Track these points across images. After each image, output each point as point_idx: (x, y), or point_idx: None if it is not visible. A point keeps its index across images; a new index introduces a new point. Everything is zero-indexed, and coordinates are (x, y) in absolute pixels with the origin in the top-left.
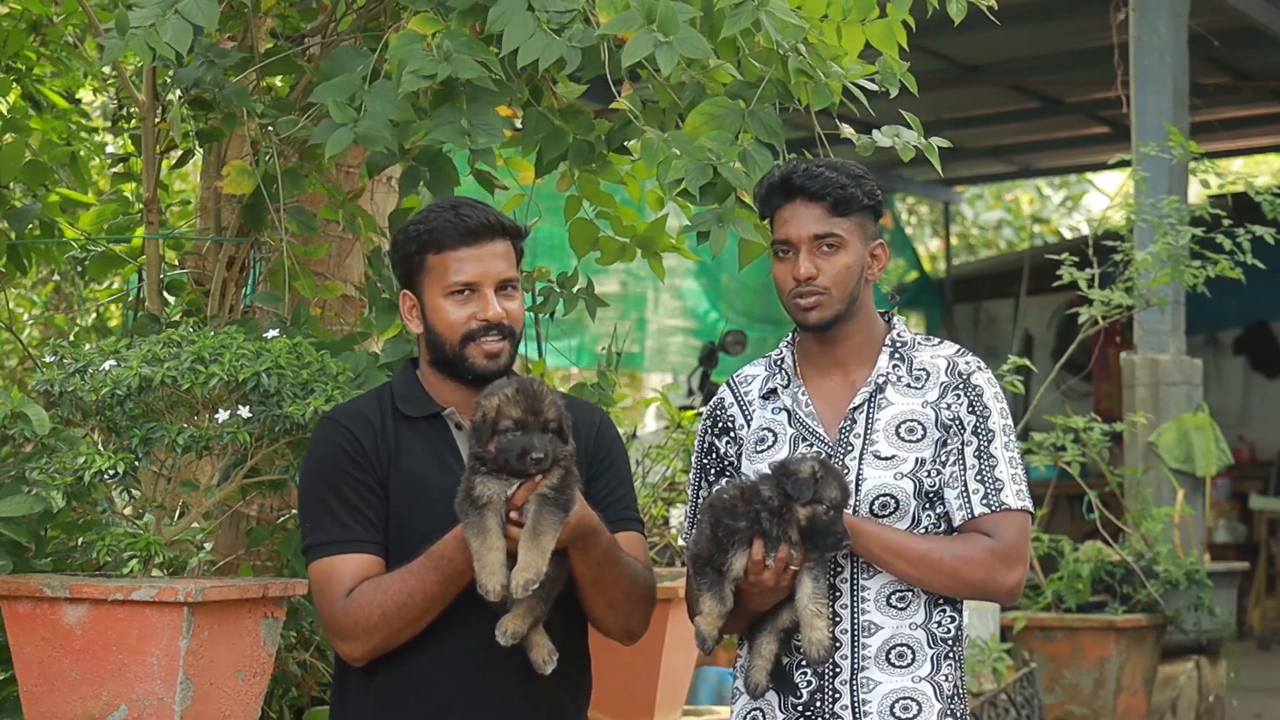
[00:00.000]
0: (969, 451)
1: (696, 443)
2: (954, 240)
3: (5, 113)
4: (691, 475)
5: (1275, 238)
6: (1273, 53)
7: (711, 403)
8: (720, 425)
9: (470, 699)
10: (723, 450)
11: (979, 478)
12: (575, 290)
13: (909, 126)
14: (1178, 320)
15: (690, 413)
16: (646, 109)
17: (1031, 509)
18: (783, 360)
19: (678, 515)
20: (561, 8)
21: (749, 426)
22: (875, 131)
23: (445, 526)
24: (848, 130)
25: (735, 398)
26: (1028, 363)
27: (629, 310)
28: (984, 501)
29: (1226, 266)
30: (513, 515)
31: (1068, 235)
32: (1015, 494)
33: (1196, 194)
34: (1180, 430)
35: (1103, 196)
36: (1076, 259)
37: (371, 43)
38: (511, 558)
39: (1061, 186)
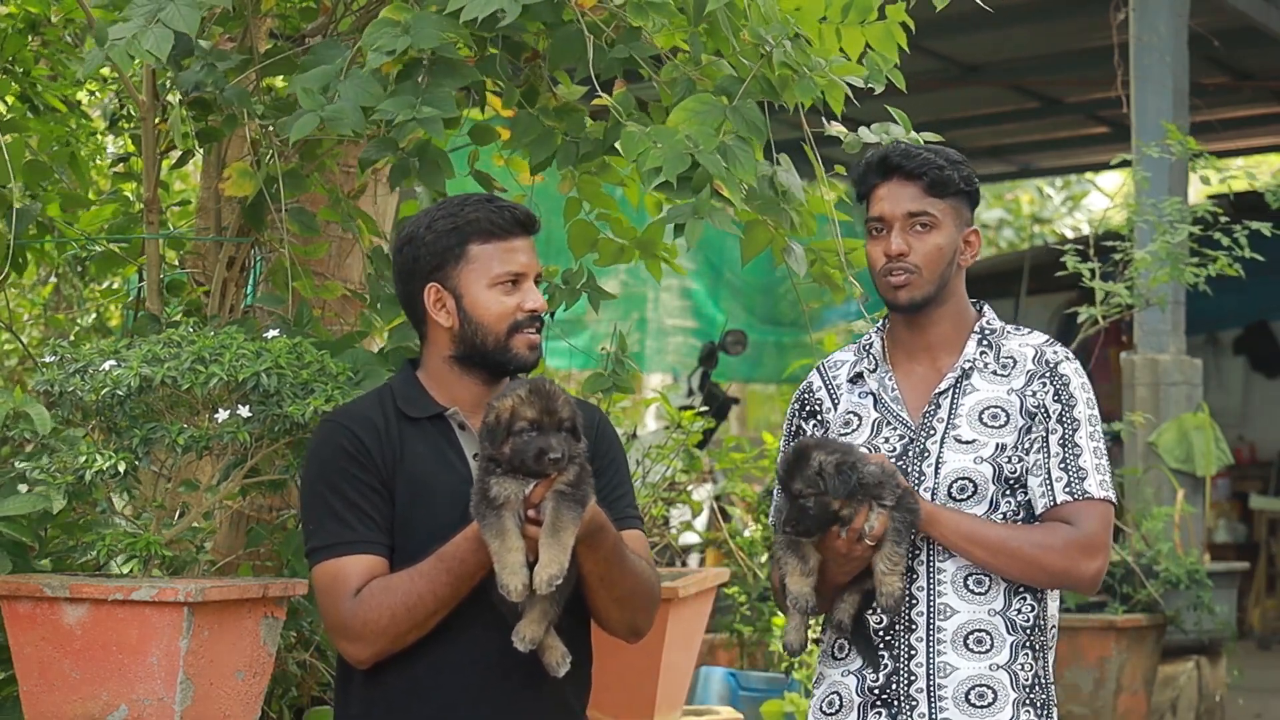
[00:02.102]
0: (1053, 440)
1: (785, 426)
2: None
3: (4, 113)
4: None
5: (1274, 233)
6: (1273, 53)
7: (800, 386)
8: (808, 409)
9: (478, 701)
10: (810, 433)
11: (1062, 466)
12: (579, 285)
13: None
14: (1178, 320)
15: (690, 413)
16: (651, 107)
17: (1114, 499)
18: (871, 345)
19: (678, 515)
20: None
21: (835, 410)
22: (863, 128)
23: (452, 527)
24: (837, 128)
25: (824, 381)
26: None
27: (629, 310)
28: (1066, 490)
29: (1225, 263)
30: (530, 514)
31: (1069, 235)
32: (1099, 484)
33: (1197, 193)
34: (1180, 430)
35: (1103, 196)
36: (1081, 250)
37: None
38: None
39: (1063, 187)
